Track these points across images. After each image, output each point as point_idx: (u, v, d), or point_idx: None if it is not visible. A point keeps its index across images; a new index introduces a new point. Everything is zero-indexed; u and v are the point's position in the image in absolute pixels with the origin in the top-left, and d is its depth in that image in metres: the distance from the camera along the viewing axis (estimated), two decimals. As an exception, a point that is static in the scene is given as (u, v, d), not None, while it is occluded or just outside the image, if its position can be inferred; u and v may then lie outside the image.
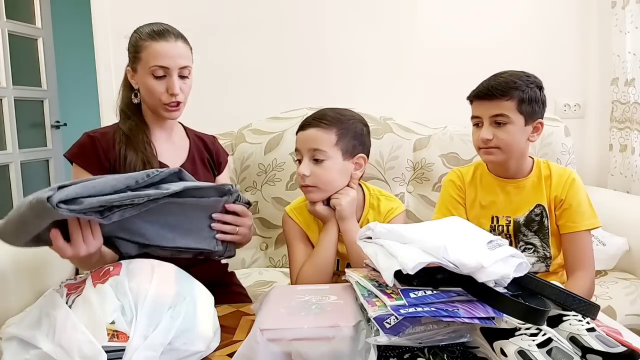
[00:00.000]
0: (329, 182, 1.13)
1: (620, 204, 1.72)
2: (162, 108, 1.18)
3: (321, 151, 1.11)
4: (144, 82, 1.18)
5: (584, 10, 2.05)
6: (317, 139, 1.11)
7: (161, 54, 1.15)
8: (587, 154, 2.10)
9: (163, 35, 1.16)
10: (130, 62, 1.21)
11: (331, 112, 1.16)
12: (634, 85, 1.86)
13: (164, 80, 1.16)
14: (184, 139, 1.31)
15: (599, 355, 0.68)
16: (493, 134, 1.17)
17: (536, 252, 1.24)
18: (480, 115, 1.19)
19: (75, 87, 3.94)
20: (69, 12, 3.75)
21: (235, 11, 2.03)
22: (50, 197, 0.73)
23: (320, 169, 1.11)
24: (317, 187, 1.13)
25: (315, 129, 1.12)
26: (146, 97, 1.20)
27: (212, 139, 1.37)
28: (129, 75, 1.22)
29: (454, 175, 1.33)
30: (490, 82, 1.17)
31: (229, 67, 2.04)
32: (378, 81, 2.05)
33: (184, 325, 0.78)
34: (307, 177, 1.11)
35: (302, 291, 0.91)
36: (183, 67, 1.17)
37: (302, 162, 1.13)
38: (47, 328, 0.73)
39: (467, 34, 2.04)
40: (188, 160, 1.27)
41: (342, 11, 2.04)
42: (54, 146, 3.31)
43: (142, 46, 1.16)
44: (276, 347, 0.72)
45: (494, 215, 1.25)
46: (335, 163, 1.12)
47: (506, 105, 1.15)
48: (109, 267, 0.84)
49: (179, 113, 1.21)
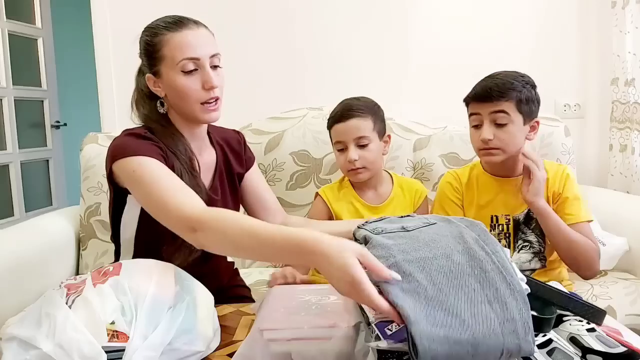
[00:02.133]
0: (375, 161, 1.31)
1: (620, 204, 1.72)
2: (200, 110, 1.01)
3: (365, 137, 1.29)
4: (172, 83, 1.00)
5: (584, 10, 2.05)
6: (360, 128, 1.28)
7: (188, 43, 0.99)
8: (587, 154, 2.10)
9: (183, 24, 1.01)
10: (149, 67, 1.03)
11: (359, 102, 1.31)
12: (634, 85, 1.86)
13: (196, 75, 1.00)
14: (211, 150, 1.15)
15: (599, 356, 0.68)
16: (494, 134, 1.17)
17: (532, 248, 1.24)
18: (481, 115, 1.19)
19: (75, 87, 3.94)
20: (69, 12, 3.75)
21: (235, 11, 2.03)
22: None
23: (367, 152, 1.29)
24: (365, 168, 1.30)
25: (356, 119, 1.28)
26: (179, 101, 1.02)
27: (238, 137, 1.24)
28: (151, 84, 1.04)
29: (450, 177, 1.34)
30: (488, 84, 1.17)
31: (228, 67, 2.00)
32: (378, 81, 2.05)
33: (184, 325, 0.78)
34: (356, 161, 1.27)
35: (302, 291, 0.91)
36: (214, 55, 1.02)
37: (349, 149, 1.29)
38: (47, 328, 0.73)
39: (467, 34, 2.04)
40: (216, 177, 1.13)
41: (342, 11, 2.04)
42: (53, 146, 3.31)
43: (162, 41, 1.00)
44: (276, 347, 0.72)
45: (493, 215, 1.26)
46: (376, 145, 1.31)
47: (506, 106, 1.15)
48: (108, 267, 0.84)
49: (219, 112, 1.05)
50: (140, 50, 1.06)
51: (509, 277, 0.69)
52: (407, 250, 0.76)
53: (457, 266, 0.71)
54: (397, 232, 0.81)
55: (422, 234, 0.80)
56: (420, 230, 0.82)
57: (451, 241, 0.77)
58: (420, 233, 0.81)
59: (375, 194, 1.38)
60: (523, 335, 0.64)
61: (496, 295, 0.67)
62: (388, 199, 1.37)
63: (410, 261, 0.73)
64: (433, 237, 0.78)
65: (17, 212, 2.99)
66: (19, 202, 3.00)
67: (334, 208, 1.35)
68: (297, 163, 1.75)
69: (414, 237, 0.79)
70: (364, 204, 1.36)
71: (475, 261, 0.72)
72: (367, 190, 1.38)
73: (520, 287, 0.68)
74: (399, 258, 0.74)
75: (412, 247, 0.76)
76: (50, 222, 1.63)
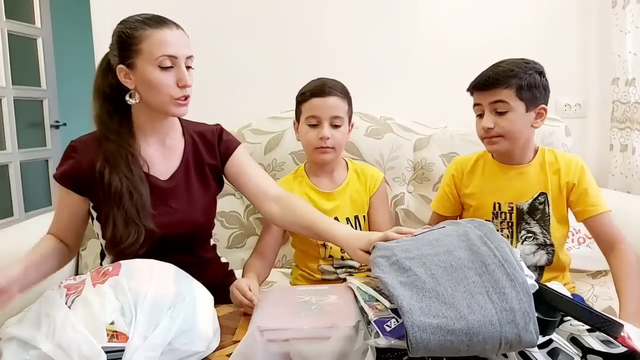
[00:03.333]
0: (343, 144, 1.32)
1: (620, 204, 1.71)
2: (171, 104, 1.07)
3: (340, 117, 1.29)
4: (147, 77, 1.05)
5: (584, 10, 2.05)
6: (337, 107, 1.28)
7: (168, 42, 1.04)
8: (588, 154, 2.09)
9: (164, 23, 1.07)
10: (123, 59, 1.07)
11: (337, 83, 1.32)
12: (634, 85, 1.86)
13: (172, 72, 1.06)
14: (179, 140, 1.19)
15: (599, 356, 0.68)
16: (494, 122, 1.17)
17: (536, 240, 1.23)
18: (482, 104, 1.19)
19: (74, 87, 3.92)
20: (68, 12, 3.75)
21: (235, 11, 2.03)
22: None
23: (338, 133, 1.29)
24: (334, 149, 1.29)
25: (335, 98, 1.28)
26: (151, 94, 1.07)
27: (214, 129, 1.24)
28: (122, 76, 1.08)
29: (453, 166, 1.35)
30: (488, 72, 1.18)
31: (228, 67, 2.04)
32: (378, 81, 2.05)
33: (184, 326, 0.78)
34: (329, 140, 1.27)
35: (302, 291, 0.91)
36: (189, 56, 1.08)
37: (323, 126, 1.27)
38: (47, 328, 0.73)
39: (468, 33, 2.04)
40: (181, 167, 1.17)
41: (343, 11, 2.04)
42: (53, 146, 3.31)
43: (142, 36, 1.04)
44: (275, 347, 0.72)
45: (496, 202, 1.25)
46: (345, 127, 1.32)
47: (505, 93, 1.15)
48: (108, 268, 0.84)
49: (187, 108, 1.11)
50: (115, 41, 1.09)
51: (510, 269, 0.69)
52: (409, 249, 0.76)
53: (457, 261, 0.72)
54: (405, 239, 0.83)
55: (428, 236, 0.81)
56: (427, 233, 0.82)
57: (455, 239, 0.77)
58: (425, 235, 0.81)
59: (330, 180, 1.37)
60: (523, 325, 0.63)
61: (495, 287, 0.67)
62: (343, 185, 1.36)
63: (411, 258, 0.74)
64: (437, 237, 0.79)
65: (16, 212, 2.99)
66: (19, 202, 3.00)
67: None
68: (297, 163, 1.75)
69: (419, 239, 0.80)
70: (318, 191, 1.35)
71: (477, 255, 0.72)
72: (322, 177, 1.37)
73: (522, 278, 0.68)
74: (400, 256, 0.75)
75: (415, 246, 0.77)
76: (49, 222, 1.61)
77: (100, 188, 1.07)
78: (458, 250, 0.74)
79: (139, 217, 1.04)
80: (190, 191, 1.17)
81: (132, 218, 1.04)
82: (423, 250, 0.75)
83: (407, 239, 0.83)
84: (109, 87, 1.12)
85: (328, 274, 1.32)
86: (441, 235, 0.79)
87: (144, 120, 1.13)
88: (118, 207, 1.05)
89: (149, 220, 1.06)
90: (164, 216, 1.10)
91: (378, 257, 0.78)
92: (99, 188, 1.07)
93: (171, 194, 1.14)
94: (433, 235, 0.80)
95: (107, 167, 1.07)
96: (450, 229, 0.82)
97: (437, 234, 0.81)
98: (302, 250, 1.36)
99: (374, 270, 0.77)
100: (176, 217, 1.12)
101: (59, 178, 1.11)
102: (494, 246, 0.73)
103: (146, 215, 1.06)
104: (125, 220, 1.04)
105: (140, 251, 1.03)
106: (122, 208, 1.04)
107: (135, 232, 1.03)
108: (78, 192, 1.12)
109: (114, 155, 1.08)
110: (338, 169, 1.39)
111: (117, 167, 1.07)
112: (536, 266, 1.24)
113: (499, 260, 0.70)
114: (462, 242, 0.76)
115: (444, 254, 0.74)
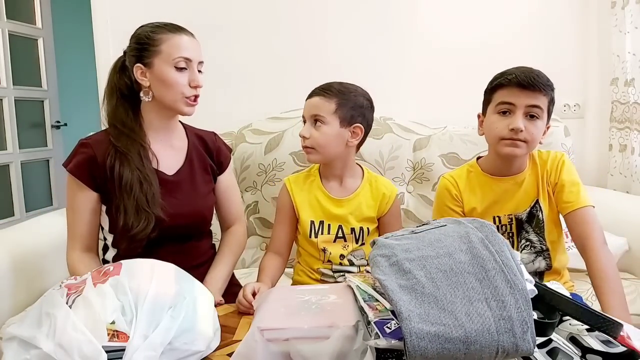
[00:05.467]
0: (324, 144, 1.24)
1: (620, 204, 1.72)
2: (182, 102, 1.17)
3: (321, 117, 1.23)
4: (163, 75, 1.15)
5: (584, 10, 2.05)
6: (318, 106, 1.24)
7: (185, 46, 1.16)
8: (587, 154, 2.10)
9: (182, 30, 1.18)
10: (139, 58, 1.17)
11: (337, 85, 1.28)
12: (633, 85, 1.86)
13: (185, 73, 1.16)
14: (183, 139, 1.29)
15: (599, 356, 0.68)
16: (525, 125, 1.12)
17: (533, 248, 1.23)
18: (515, 103, 1.12)
19: (75, 87, 3.94)
20: (69, 12, 3.75)
21: (235, 11, 2.03)
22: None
23: (318, 133, 1.24)
24: (314, 149, 1.24)
25: (319, 97, 1.25)
26: (165, 91, 1.16)
27: (213, 137, 1.34)
28: (138, 74, 1.17)
29: (447, 183, 1.27)
30: (529, 74, 1.12)
31: (229, 67, 2.04)
32: (378, 81, 2.04)
33: (184, 325, 0.78)
34: (306, 139, 1.24)
35: (302, 291, 0.91)
36: (200, 62, 1.20)
37: (305, 125, 1.26)
38: (48, 328, 0.73)
39: (467, 33, 2.04)
40: (186, 164, 1.25)
41: (343, 11, 2.05)
42: (54, 146, 3.31)
43: (162, 39, 1.15)
44: (275, 346, 0.72)
45: (496, 216, 1.23)
46: (332, 128, 1.24)
47: (542, 100, 1.12)
48: (109, 267, 0.84)
49: (195, 109, 1.21)
50: (134, 42, 1.19)
51: (510, 275, 0.69)
52: (410, 250, 0.76)
53: (458, 264, 0.72)
54: (405, 234, 0.83)
55: (429, 235, 0.81)
56: (428, 232, 0.82)
57: (456, 241, 0.77)
58: (427, 234, 0.81)
59: (342, 186, 1.31)
60: (520, 333, 0.63)
61: (494, 294, 0.67)
62: (354, 193, 1.30)
63: (411, 260, 0.74)
64: (438, 237, 0.79)
65: (17, 212, 2.99)
66: (19, 202, 3.00)
67: (295, 200, 1.30)
68: (297, 163, 1.75)
69: (419, 238, 0.80)
70: (328, 196, 1.30)
71: (477, 260, 0.72)
72: (332, 181, 1.32)
73: (522, 285, 0.68)
74: (401, 257, 0.75)
75: (416, 246, 0.77)
76: (50, 222, 1.63)
77: (112, 181, 1.13)
78: (459, 253, 0.74)
79: (149, 206, 1.12)
80: (194, 185, 1.25)
81: (142, 206, 1.11)
82: (423, 252, 0.75)
83: (407, 236, 0.83)
84: (124, 86, 1.20)
85: (326, 277, 1.32)
86: (442, 236, 0.79)
87: (153, 118, 1.21)
88: (129, 196, 1.11)
89: (158, 209, 1.13)
90: (172, 207, 1.16)
91: (378, 256, 0.78)
92: (110, 181, 1.13)
93: (177, 187, 1.22)
94: (434, 235, 0.80)
95: (118, 160, 1.14)
96: (451, 229, 0.81)
97: (438, 233, 0.81)
98: (304, 249, 1.36)
99: (374, 270, 0.77)
100: (182, 207, 1.19)
101: (74, 169, 1.15)
102: (494, 250, 0.73)
103: (156, 204, 1.13)
104: (136, 208, 1.11)
105: (152, 234, 1.11)
106: (132, 197, 1.11)
107: (145, 219, 1.11)
108: (91, 184, 1.15)
109: (127, 148, 1.15)
110: (351, 176, 1.33)
111: (128, 159, 1.14)
112: (536, 272, 1.24)
113: (499, 265, 0.71)
114: (463, 244, 0.76)
115: (445, 256, 0.74)
